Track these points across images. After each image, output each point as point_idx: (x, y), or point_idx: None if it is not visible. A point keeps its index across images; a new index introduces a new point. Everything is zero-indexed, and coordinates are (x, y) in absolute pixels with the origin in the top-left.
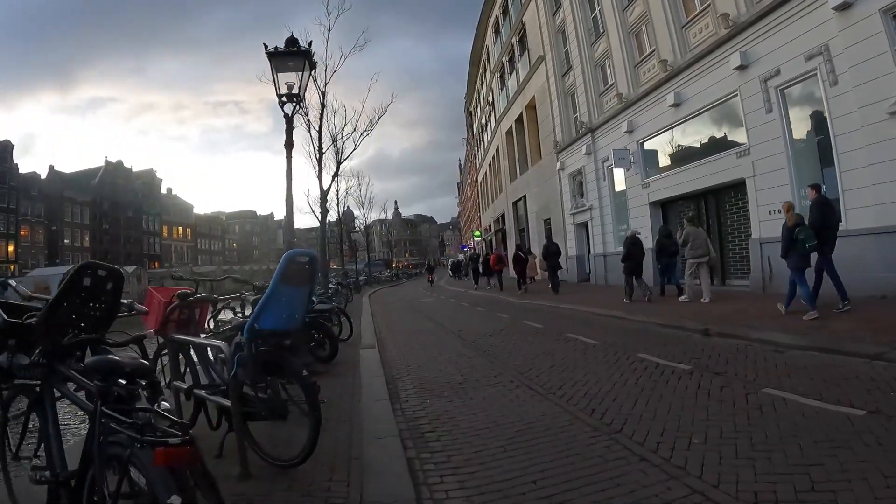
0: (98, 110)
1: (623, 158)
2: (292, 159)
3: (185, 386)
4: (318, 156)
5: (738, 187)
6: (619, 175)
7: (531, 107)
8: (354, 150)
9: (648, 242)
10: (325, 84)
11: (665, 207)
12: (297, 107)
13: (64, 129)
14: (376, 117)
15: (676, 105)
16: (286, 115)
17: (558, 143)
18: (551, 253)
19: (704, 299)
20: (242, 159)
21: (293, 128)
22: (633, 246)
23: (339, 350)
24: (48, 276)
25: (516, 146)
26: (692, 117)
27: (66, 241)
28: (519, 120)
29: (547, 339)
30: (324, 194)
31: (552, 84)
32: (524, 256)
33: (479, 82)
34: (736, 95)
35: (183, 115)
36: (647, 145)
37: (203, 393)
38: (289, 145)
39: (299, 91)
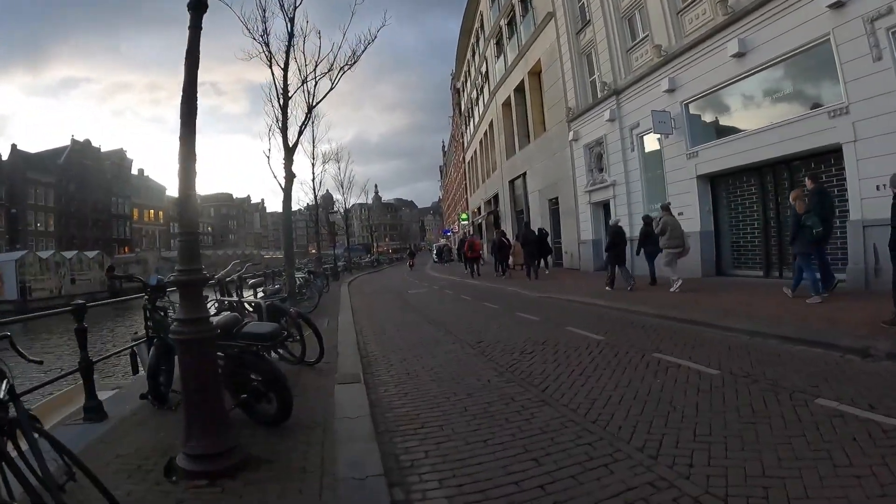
0: (71, 91)
1: (663, 122)
2: (201, 27)
3: None
4: (281, 101)
5: (827, 156)
6: (651, 144)
7: (534, 73)
8: (331, 90)
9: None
10: (295, 7)
11: (715, 182)
12: None
13: (36, 111)
14: (361, 48)
15: (740, 55)
16: None
17: (571, 110)
18: (529, 241)
19: (673, 289)
20: (219, 142)
21: None
22: (616, 235)
23: (293, 400)
24: (0, 263)
25: (515, 118)
26: (761, 69)
27: (29, 225)
28: (519, 89)
29: (630, 363)
30: (289, 151)
31: (563, 44)
32: (508, 243)
33: (470, 53)
34: (827, 40)
35: (158, 95)
36: (694, 107)
37: None
38: (198, 5)
39: None
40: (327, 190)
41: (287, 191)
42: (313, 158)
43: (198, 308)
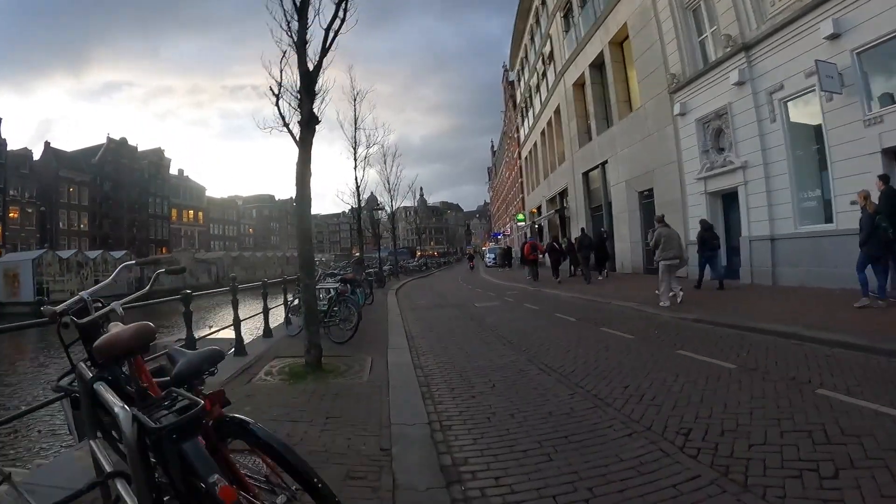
0: (114, 94)
1: (831, 77)
2: None
3: None
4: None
5: None
6: (802, 111)
7: (617, 42)
8: None
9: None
10: None
11: None
12: None
13: (81, 115)
14: None
15: None
16: None
17: (675, 77)
18: (584, 245)
19: (662, 303)
20: (262, 144)
21: None
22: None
23: None
24: (18, 262)
25: (591, 99)
26: None
27: (61, 224)
28: (596, 64)
29: None
30: (308, 77)
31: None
32: (559, 248)
33: (528, 37)
34: None
35: (200, 98)
36: (870, 57)
37: None
38: None
39: None
40: (371, 192)
41: (305, 143)
42: (356, 143)
43: None
